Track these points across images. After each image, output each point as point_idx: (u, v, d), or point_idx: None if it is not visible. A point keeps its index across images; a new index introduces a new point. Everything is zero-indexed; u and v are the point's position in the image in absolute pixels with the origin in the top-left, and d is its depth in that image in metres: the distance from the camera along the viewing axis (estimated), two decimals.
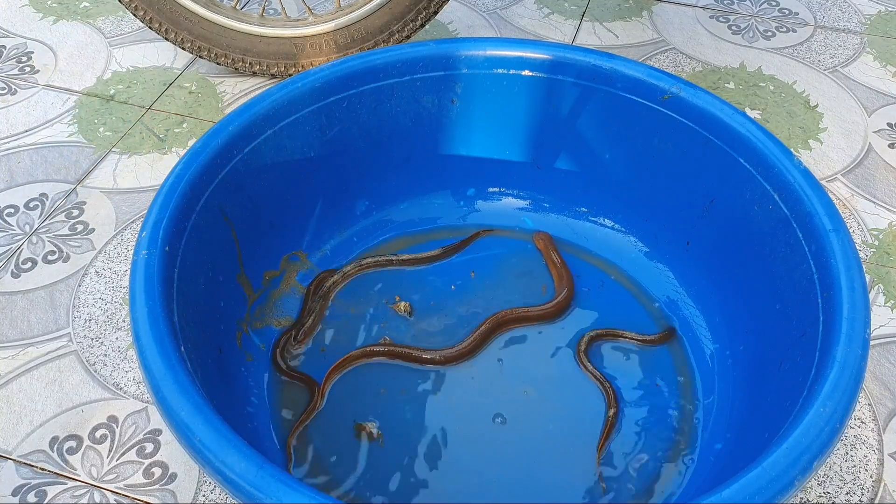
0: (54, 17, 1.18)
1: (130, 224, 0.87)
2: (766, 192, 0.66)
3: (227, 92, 1.05)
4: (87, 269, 0.83)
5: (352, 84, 0.75)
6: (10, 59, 1.10)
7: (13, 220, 0.88)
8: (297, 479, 0.46)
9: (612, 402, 0.68)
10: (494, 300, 0.77)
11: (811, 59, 1.10)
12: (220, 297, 0.68)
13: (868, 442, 0.69)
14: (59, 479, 0.67)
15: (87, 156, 0.96)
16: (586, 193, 0.82)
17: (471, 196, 0.85)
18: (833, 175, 0.94)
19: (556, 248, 0.80)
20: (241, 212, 0.70)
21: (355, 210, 0.82)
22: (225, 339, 0.68)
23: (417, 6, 0.96)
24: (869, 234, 0.87)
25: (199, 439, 0.48)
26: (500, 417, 0.68)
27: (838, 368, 0.52)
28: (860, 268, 0.58)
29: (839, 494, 0.66)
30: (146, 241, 0.59)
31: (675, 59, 1.10)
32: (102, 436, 0.69)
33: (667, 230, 0.78)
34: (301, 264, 0.78)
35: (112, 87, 1.06)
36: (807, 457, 0.48)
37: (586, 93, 0.76)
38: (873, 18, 1.18)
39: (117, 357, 0.75)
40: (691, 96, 0.71)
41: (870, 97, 1.04)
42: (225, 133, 0.68)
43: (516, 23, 1.17)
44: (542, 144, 0.81)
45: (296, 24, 1.00)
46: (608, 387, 0.69)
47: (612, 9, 1.20)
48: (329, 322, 0.75)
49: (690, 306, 0.76)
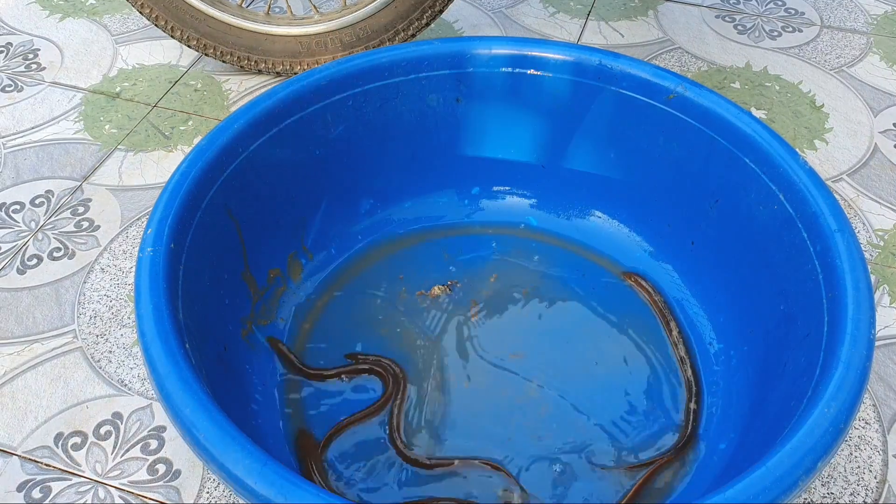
0: (61, 14, 1.18)
1: (136, 221, 0.88)
2: (771, 192, 0.66)
3: (232, 90, 1.05)
4: (93, 266, 0.83)
5: (357, 82, 0.75)
6: (17, 57, 1.10)
7: (19, 217, 0.88)
8: (301, 477, 0.46)
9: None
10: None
11: (817, 59, 1.10)
12: (224, 295, 0.68)
13: (872, 443, 0.69)
14: (64, 475, 0.67)
15: (92, 153, 0.96)
16: (591, 192, 0.82)
17: (475, 195, 0.85)
18: (838, 175, 0.94)
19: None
20: (246, 209, 0.70)
21: (360, 208, 0.82)
22: (230, 337, 0.68)
23: (423, 5, 0.96)
24: (874, 234, 0.87)
25: (203, 436, 0.48)
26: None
27: (843, 369, 0.52)
28: (865, 268, 0.58)
29: (843, 495, 0.66)
30: (151, 239, 0.59)
31: (681, 59, 1.10)
32: (107, 432, 0.70)
33: (671, 230, 0.78)
34: (306, 262, 0.78)
35: (118, 84, 1.06)
36: (811, 457, 0.48)
37: (591, 92, 0.76)
38: (880, 18, 1.18)
39: (122, 354, 0.75)
40: (697, 96, 0.71)
41: (876, 97, 1.04)
42: (230, 131, 0.68)
43: (522, 22, 1.17)
44: (546, 143, 0.81)
45: (301, 22, 1.01)
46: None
47: (617, 8, 1.20)
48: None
49: (695, 306, 0.76)
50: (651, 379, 0.71)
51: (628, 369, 0.72)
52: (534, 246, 0.82)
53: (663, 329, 0.75)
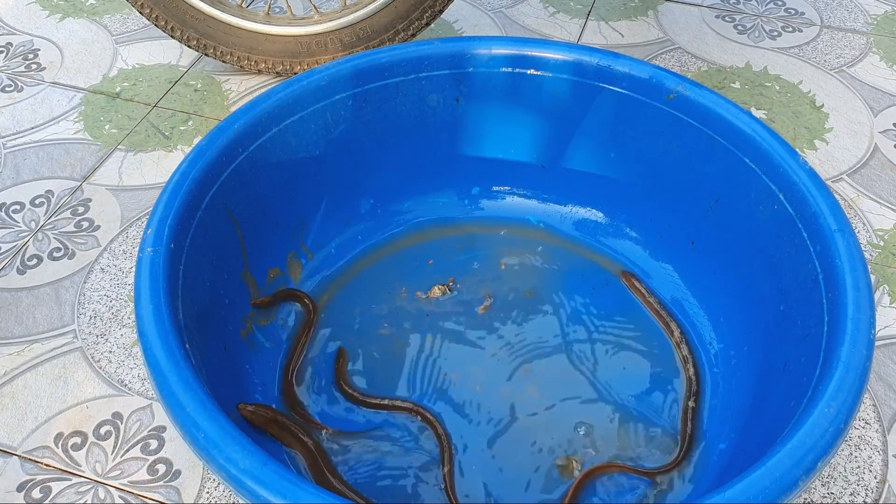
0: (61, 14, 1.18)
1: (136, 221, 0.88)
2: (771, 192, 0.66)
3: (232, 90, 1.05)
4: (93, 266, 0.83)
5: (357, 82, 0.75)
6: (17, 57, 1.10)
7: (19, 217, 0.88)
8: (301, 477, 0.46)
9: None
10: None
11: (817, 59, 1.10)
12: (225, 295, 0.68)
13: (872, 443, 0.69)
14: (64, 475, 0.67)
15: (92, 153, 0.96)
16: (591, 192, 0.82)
17: (475, 195, 0.85)
18: (839, 175, 0.94)
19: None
20: (247, 209, 0.70)
21: (360, 208, 0.82)
22: (230, 337, 0.68)
23: (423, 5, 0.96)
24: (874, 234, 0.87)
25: (203, 436, 0.48)
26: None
27: (843, 369, 0.52)
28: (865, 268, 0.58)
29: (843, 495, 0.66)
30: (151, 239, 0.59)
31: (681, 59, 1.10)
32: (107, 432, 0.70)
33: (671, 229, 0.78)
34: (306, 262, 0.78)
35: (118, 84, 1.06)
36: (811, 457, 0.48)
37: (591, 92, 0.76)
38: (880, 18, 1.18)
39: (122, 354, 0.75)
40: (697, 96, 0.71)
41: (876, 97, 1.04)
42: (230, 131, 0.68)
43: (522, 22, 1.17)
44: (546, 143, 0.81)
45: (301, 22, 1.01)
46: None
47: (617, 8, 1.20)
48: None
49: (695, 306, 0.76)
50: (653, 379, 0.71)
51: (629, 369, 0.72)
52: (534, 246, 0.82)
53: (664, 329, 0.75)
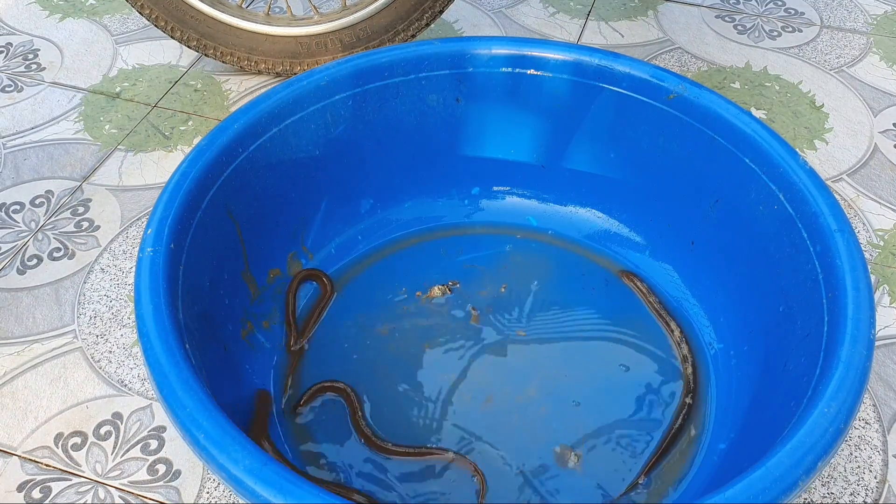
0: (60, 14, 1.18)
1: (136, 221, 0.88)
2: (771, 192, 0.66)
3: (232, 90, 1.05)
4: (93, 266, 0.83)
5: (357, 82, 0.75)
6: (17, 57, 1.10)
7: (19, 217, 0.88)
8: (301, 477, 0.46)
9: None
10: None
11: (817, 59, 1.10)
12: (225, 295, 0.68)
13: (872, 443, 0.69)
14: (64, 475, 0.67)
15: (92, 153, 0.96)
16: (591, 192, 0.82)
17: (475, 195, 0.85)
18: (838, 175, 0.94)
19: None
20: (247, 209, 0.70)
21: (360, 208, 0.82)
22: (230, 337, 0.68)
23: (423, 5, 0.96)
24: (874, 234, 0.87)
25: (203, 436, 0.48)
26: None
27: (843, 369, 0.52)
28: (865, 268, 0.58)
29: (843, 495, 0.66)
30: (151, 239, 0.59)
31: (681, 59, 1.10)
32: (107, 432, 0.70)
33: (671, 230, 0.78)
34: (306, 262, 0.78)
35: (118, 84, 1.06)
36: (811, 457, 0.48)
37: (591, 92, 0.76)
38: (879, 18, 1.18)
39: (122, 354, 0.75)
40: (696, 96, 0.71)
41: (876, 97, 1.04)
42: (230, 131, 0.68)
43: (522, 22, 1.17)
44: (546, 143, 0.81)
45: (301, 22, 1.01)
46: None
47: (617, 8, 1.20)
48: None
49: (695, 306, 0.76)
50: (653, 379, 0.71)
51: (629, 369, 0.72)
52: (534, 246, 0.82)
53: (664, 328, 0.75)
